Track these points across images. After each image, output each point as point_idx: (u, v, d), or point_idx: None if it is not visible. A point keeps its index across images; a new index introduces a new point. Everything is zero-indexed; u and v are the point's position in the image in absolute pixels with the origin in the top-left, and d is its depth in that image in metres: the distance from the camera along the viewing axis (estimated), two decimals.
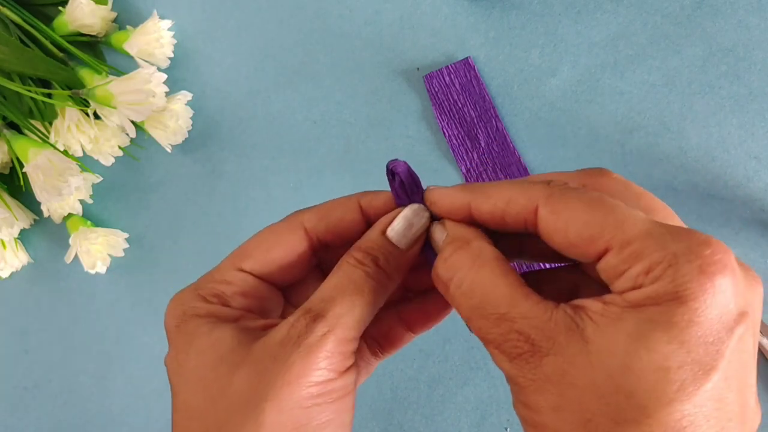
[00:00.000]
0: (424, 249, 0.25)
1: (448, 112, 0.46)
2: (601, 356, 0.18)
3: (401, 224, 0.24)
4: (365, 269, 0.23)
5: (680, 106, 0.43)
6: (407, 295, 0.28)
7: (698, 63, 0.43)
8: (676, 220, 0.21)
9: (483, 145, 0.45)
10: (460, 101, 0.45)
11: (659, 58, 0.43)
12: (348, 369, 0.22)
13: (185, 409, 0.23)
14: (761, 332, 0.41)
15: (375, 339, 0.27)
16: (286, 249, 0.25)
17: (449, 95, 0.46)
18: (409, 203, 0.24)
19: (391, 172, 0.25)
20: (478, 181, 0.45)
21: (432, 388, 0.46)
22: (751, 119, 0.42)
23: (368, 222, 0.25)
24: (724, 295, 0.18)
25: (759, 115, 0.42)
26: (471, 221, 0.23)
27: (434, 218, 0.24)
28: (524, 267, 0.43)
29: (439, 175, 0.46)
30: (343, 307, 0.22)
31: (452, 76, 0.45)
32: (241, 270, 0.25)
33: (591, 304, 0.19)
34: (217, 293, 0.25)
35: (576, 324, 0.19)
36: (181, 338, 0.25)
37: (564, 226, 0.20)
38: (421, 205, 0.24)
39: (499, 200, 0.22)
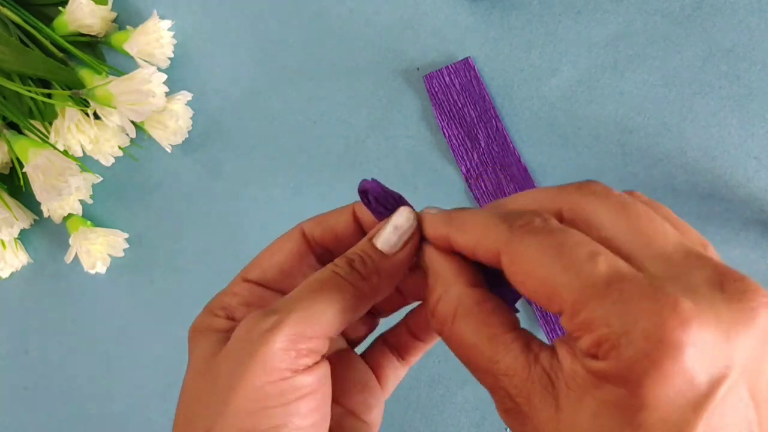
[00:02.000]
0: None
1: (448, 112, 0.46)
2: (569, 430, 0.17)
3: (386, 229, 0.24)
4: (335, 269, 0.23)
5: (680, 106, 0.43)
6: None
7: (698, 63, 0.43)
8: (657, 226, 0.19)
9: (483, 145, 0.45)
10: (460, 101, 0.45)
11: (659, 58, 0.43)
12: (307, 368, 0.21)
13: (176, 424, 0.23)
14: None
15: (393, 347, 0.28)
16: (286, 254, 0.26)
17: (449, 95, 0.46)
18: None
19: (363, 193, 0.24)
20: (478, 181, 0.45)
21: (432, 388, 0.46)
22: (751, 119, 0.42)
23: (363, 228, 0.26)
24: (679, 376, 0.15)
25: (759, 115, 0.42)
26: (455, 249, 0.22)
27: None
28: None
29: (439, 175, 0.46)
30: (301, 303, 0.22)
31: (452, 76, 0.45)
32: (246, 280, 0.26)
33: (565, 360, 0.18)
34: (224, 306, 0.26)
35: (552, 384, 0.18)
36: (189, 356, 0.25)
37: (522, 279, 0.19)
38: (408, 208, 0.24)
39: (470, 239, 0.21)
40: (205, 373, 0.22)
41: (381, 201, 0.25)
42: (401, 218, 0.24)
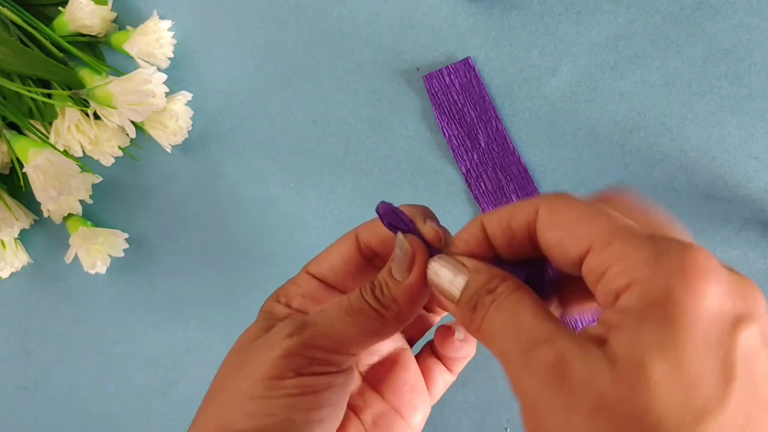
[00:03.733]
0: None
1: (448, 112, 0.46)
2: (624, 376, 0.17)
3: (395, 255, 0.25)
4: (364, 295, 0.25)
5: (680, 106, 0.43)
6: None
7: (698, 63, 0.43)
8: (679, 233, 0.21)
9: (483, 145, 0.45)
10: (460, 101, 0.45)
11: (659, 58, 0.43)
12: (310, 374, 0.24)
13: (211, 386, 0.26)
14: None
15: (438, 356, 0.30)
16: (340, 254, 0.28)
17: (449, 95, 0.46)
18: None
19: (379, 217, 0.26)
20: (478, 180, 0.45)
21: None
22: (751, 119, 0.42)
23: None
24: (711, 296, 0.17)
25: (759, 115, 0.42)
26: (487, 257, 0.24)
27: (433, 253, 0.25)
28: None
29: (439, 175, 0.46)
30: (326, 320, 0.25)
31: (452, 77, 0.45)
32: (308, 273, 0.28)
33: (600, 330, 0.18)
34: (286, 293, 0.28)
35: (604, 340, 0.18)
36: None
37: (557, 223, 0.21)
38: (401, 237, 0.25)
39: (506, 212, 0.23)
40: (239, 353, 0.26)
41: (394, 225, 0.26)
42: (397, 247, 0.25)
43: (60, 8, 0.49)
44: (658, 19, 0.43)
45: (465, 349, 0.30)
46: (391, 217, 0.26)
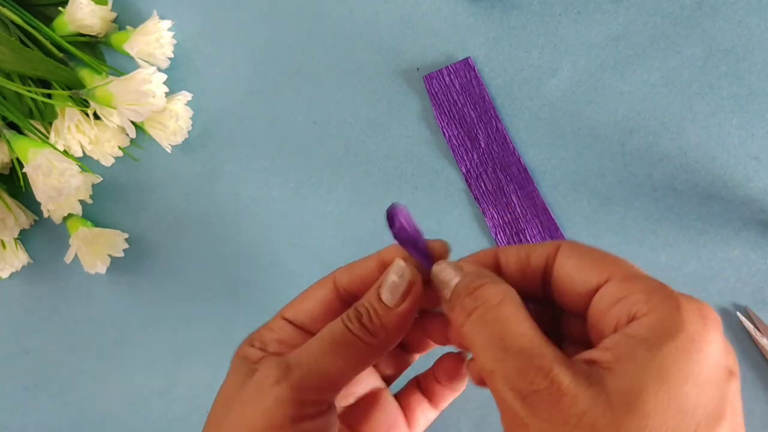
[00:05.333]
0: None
1: (448, 112, 0.46)
2: (621, 397, 0.18)
3: (386, 281, 0.25)
4: (348, 324, 0.24)
5: (680, 106, 0.43)
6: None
7: (698, 63, 0.43)
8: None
9: (483, 145, 0.45)
10: (460, 101, 0.45)
11: (659, 58, 0.43)
12: (305, 417, 0.23)
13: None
14: (761, 332, 0.41)
15: (424, 390, 0.30)
16: (317, 300, 0.27)
17: (449, 95, 0.46)
18: (410, 250, 0.25)
19: (390, 217, 0.24)
20: (478, 181, 0.45)
21: None
22: (751, 119, 0.42)
23: None
24: (718, 344, 0.19)
25: (759, 115, 0.42)
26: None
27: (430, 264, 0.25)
28: None
29: (439, 175, 0.46)
30: (310, 357, 0.24)
31: (452, 77, 0.45)
32: (283, 318, 0.28)
33: (600, 354, 0.19)
34: (261, 338, 0.28)
35: (591, 373, 0.19)
36: (225, 378, 0.28)
37: (580, 254, 0.22)
38: (400, 263, 0.24)
39: (526, 247, 0.24)
40: (226, 404, 0.25)
41: (403, 232, 0.24)
42: (394, 274, 0.24)
43: (60, 8, 0.49)
44: (658, 19, 0.43)
45: (459, 384, 0.30)
46: (403, 222, 0.24)
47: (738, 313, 0.41)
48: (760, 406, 0.42)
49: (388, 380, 0.31)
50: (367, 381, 0.30)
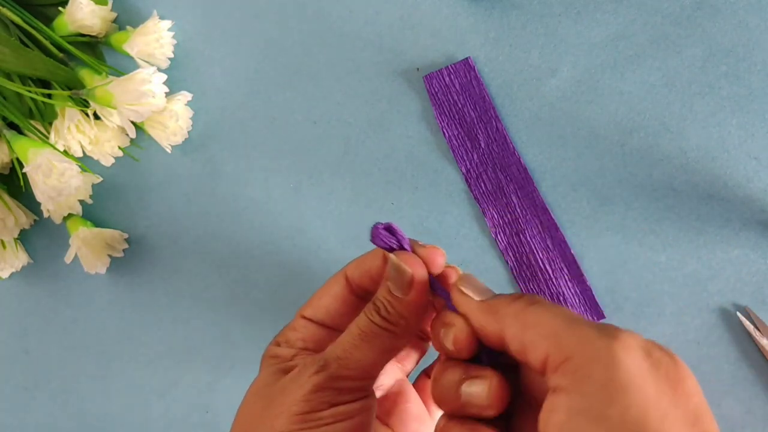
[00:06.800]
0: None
1: (448, 112, 0.46)
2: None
3: (389, 276, 0.27)
4: (370, 317, 0.27)
5: (680, 107, 0.43)
6: None
7: (698, 63, 0.43)
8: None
9: (483, 145, 0.45)
10: (460, 102, 0.45)
11: (659, 58, 0.43)
12: (341, 403, 0.25)
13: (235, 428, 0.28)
14: (761, 332, 0.41)
15: None
16: (332, 296, 0.30)
17: (449, 96, 0.46)
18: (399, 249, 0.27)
19: (371, 236, 0.27)
20: (478, 181, 0.45)
21: None
22: (751, 119, 0.42)
23: None
24: (639, 348, 0.21)
25: (759, 115, 0.42)
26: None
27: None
28: None
29: (439, 175, 0.46)
30: (343, 351, 0.26)
31: (452, 77, 0.45)
32: (303, 317, 0.30)
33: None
34: (286, 339, 0.30)
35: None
36: (257, 376, 0.30)
37: (530, 330, 0.23)
38: (392, 257, 0.26)
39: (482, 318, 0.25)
40: (263, 397, 0.27)
41: (387, 243, 0.27)
42: (391, 269, 0.27)
43: (60, 8, 0.49)
44: (658, 19, 0.43)
45: None
46: (383, 236, 0.27)
47: (738, 313, 0.41)
48: (760, 406, 0.42)
49: (408, 374, 0.34)
50: (392, 373, 0.32)
